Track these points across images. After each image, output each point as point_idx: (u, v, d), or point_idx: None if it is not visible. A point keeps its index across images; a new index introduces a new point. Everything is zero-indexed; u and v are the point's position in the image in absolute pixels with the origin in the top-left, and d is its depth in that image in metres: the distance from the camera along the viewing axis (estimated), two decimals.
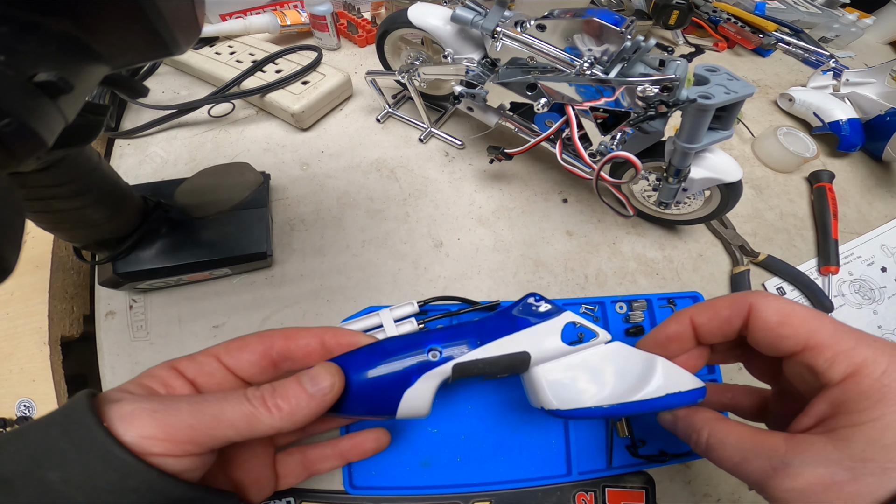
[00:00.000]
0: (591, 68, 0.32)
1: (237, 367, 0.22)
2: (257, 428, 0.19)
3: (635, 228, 0.43)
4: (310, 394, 0.20)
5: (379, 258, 0.39)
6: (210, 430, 0.18)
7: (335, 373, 0.21)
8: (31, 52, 0.14)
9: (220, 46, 0.51)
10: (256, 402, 0.19)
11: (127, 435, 0.16)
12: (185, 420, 0.17)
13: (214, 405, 0.18)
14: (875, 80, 0.53)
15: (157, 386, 0.20)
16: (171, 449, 0.17)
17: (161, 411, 0.17)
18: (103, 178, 0.26)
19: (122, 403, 0.17)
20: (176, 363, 0.22)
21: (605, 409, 0.23)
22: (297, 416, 0.20)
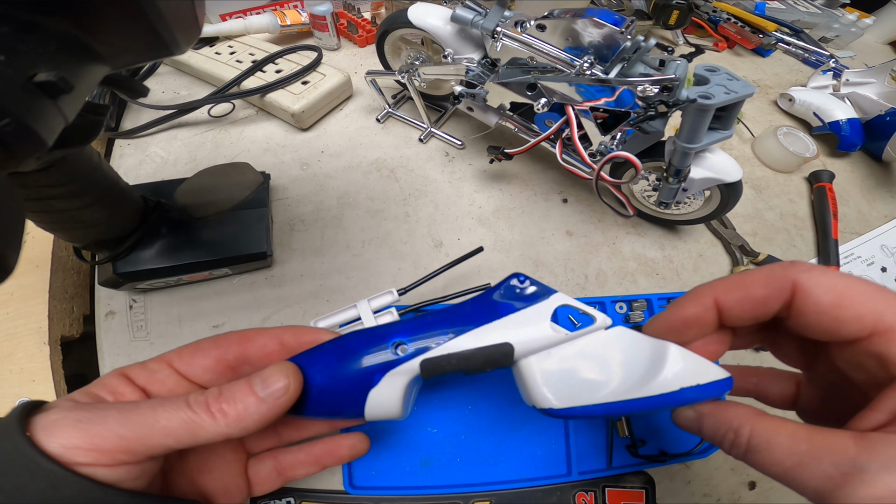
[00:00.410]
0: (591, 68, 0.32)
1: (191, 373, 0.21)
2: (200, 435, 0.18)
3: (635, 228, 0.43)
4: (260, 397, 0.19)
5: (379, 258, 0.39)
6: (143, 438, 0.17)
7: (291, 373, 0.20)
8: (31, 52, 0.14)
9: (220, 46, 0.51)
10: (198, 408, 0.18)
11: (50, 445, 0.16)
12: (113, 429, 0.16)
13: (147, 412, 0.17)
14: (875, 80, 0.53)
15: (105, 394, 0.19)
16: (98, 458, 0.16)
17: (86, 420, 0.17)
18: (103, 178, 0.26)
19: (50, 413, 0.17)
20: (127, 370, 0.21)
21: (608, 407, 0.19)
22: (245, 422, 0.18)
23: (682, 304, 0.20)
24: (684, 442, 0.32)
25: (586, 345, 0.20)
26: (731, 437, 0.18)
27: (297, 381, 0.20)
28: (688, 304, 0.20)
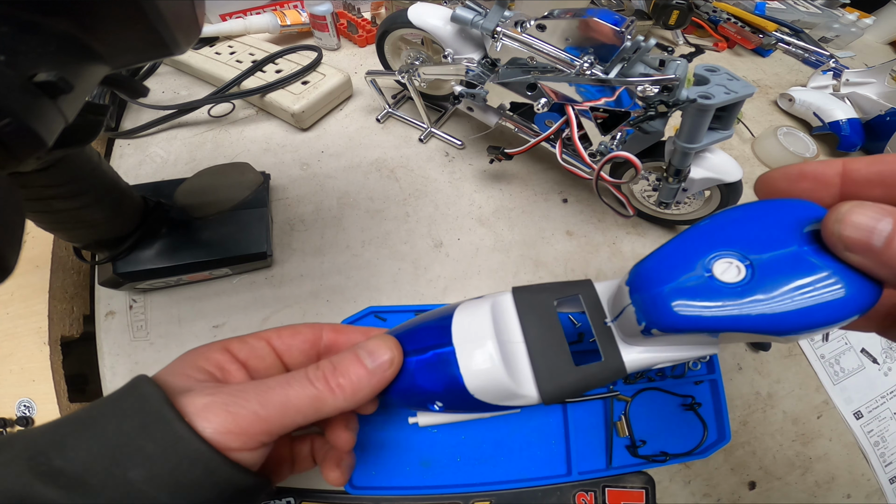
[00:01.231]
0: (591, 68, 0.32)
1: (286, 353, 0.22)
2: (323, 411, 0.18)
3: (635, 228, 0.43)
4: (370, 370, 0.19)
5: (379, 258, 0.39)
6: (280, 418, 0.17)
7: (393, 346, 0.20)
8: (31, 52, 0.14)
9: (220, 46, 0.51)
10: (320, 384, 0.18)
11: (206, 430, 0.16)
12: (257, 411, 0.17)
13: (280, 392, 0.18)
14: (875, 80, 0.53)
15: (214, 370, 0.20)
16: (248, 443, 0.17)
17: (233, 405, 0.17)
18: (103, 178, 0.26)
19: (194, 396, 0.17)
20: (228, 344, 0.21)
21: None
22: (359, 395, 0.19)
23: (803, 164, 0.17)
24: (684, 442, 0.32)
25: None
26: None
27: (399, 354, 0.20)
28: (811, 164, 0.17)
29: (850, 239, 0.14)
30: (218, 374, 0.20)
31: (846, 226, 0.14)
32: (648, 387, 0.33)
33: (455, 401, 0.20)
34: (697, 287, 0.15)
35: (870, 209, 0.14)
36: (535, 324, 0.20)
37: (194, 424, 0.16)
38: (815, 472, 0.34)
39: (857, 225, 0.14)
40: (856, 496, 0.34)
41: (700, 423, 0.33)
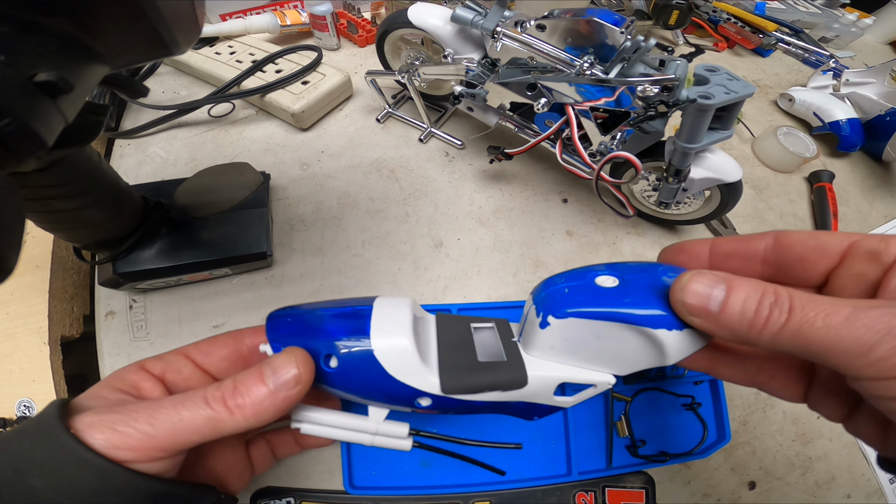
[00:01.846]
0: (591, 68, 0.32)
1: (207, 363, 0.22)
2: (222, 430, 0.18)
3: (635, 228, 0.43)
4: (272, 390, 0.19)
5: (379, 258, 0.39)
6: (171, 437, 0.18)
7: (301, 361, 0.19)
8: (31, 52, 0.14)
9: (220, 46, 0.51)
10: (216, 405, 0.18)
11: (94, 442, 0.17)
12: (143, 429, 0.17)
13: (172, 412, 0.18)
14: (875, 80, 0.53)
15: (127, 388, 0.20)
16: (136, 456, 0.17)
17: (119, 422, 0.17)
18: (103, 178, 0.26)
19: (86, 414, 0.18)
20: (144, 363, 0.22)
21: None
22: (263, 416, 0.18)
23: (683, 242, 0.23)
24: (684, 442, 0.32)
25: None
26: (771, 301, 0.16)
27: (307, 370, 0.20)
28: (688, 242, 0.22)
29: (691, 306, 0.17)
30: (133, 392, 0.20)
31: (687, 293, 0.17)
32: (648, 387, 0.33)
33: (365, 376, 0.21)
34: (582, 286, 0.20)
35: (706, 277, 0.17)
36: (450, 332, 0.24)
37: (82, 436, 0.17)
38: (815, 472, 0.34)
39: (696, 292, 0.17)
40: (856, 496, 0.34)
41: (700, 423, 0.33)
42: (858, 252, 0.18)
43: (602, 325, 0.19)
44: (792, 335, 0.16)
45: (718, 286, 0.17)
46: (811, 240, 0.19)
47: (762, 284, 0.17)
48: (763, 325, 0.16)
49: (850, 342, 0.14)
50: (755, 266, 0.21)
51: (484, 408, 0.22)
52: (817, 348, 0.15)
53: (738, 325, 0.17)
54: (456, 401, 0.21)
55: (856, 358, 0.15)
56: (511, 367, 0.21)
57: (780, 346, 0.16)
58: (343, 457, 0.30)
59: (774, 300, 0.16)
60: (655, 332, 0.19)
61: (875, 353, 0.14)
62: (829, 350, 0.15)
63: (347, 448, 0.30)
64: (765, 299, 0.16)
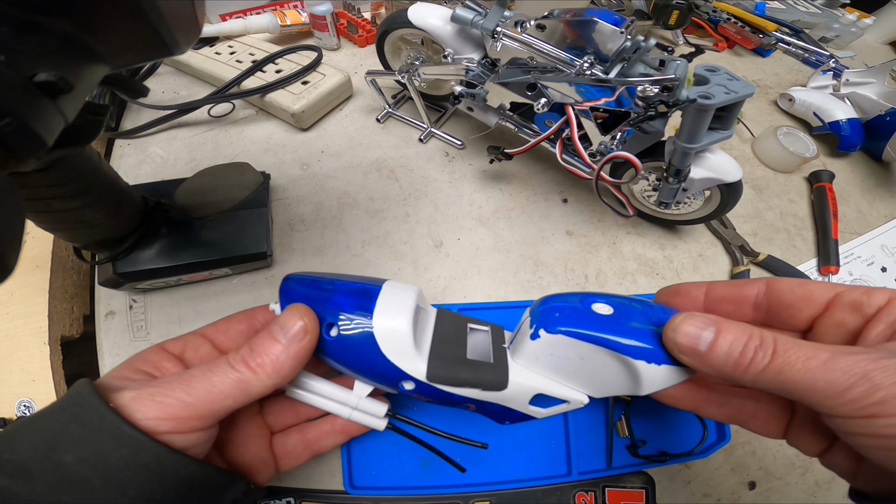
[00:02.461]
0: (591, 68, 0.32)
1: (224, 340, 0.23)
2: (251, 392, 0.19)
3: (635, 228, 0.43)
4: (284, 344, 0.20)
5: (379, 258, 0.39)
6: (208, 403, 0.18)
7: (304, 313, 0.21)
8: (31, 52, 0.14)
9: (220, 46, 0.51)
10: (240, 367, 0.19)
11: (136, 415, 0.17)
12: (182, 398, 0.18)
13: (203, 379, 0.19)
14: (875, 80, 0.53)
15: (149, 369, 0.21)
16: (177, 426, 0.18)
17: (158, 394, 0.18)
18: (103, 178, 0.26)
19: (123, 392, 0.18)
20: (164, 344, 0.23)
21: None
22: (283, 370, 0.20)
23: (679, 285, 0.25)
24: (684, 442, 0.32)
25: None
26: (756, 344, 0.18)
27: (312, 321, 0.21)
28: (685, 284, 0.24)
29: (682, 345, 0.19)
30: (154, 372, 0.21)
31: (678, 334, 0.19)
32: None
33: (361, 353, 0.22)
34: (578, 309, 0.22)
35: (698, 320, 0.19)
36: (447, 327, 0.25)
37: (124, 411, 0.17)
38: (815, 472, 0.34)
39: (687, 333, 0.19)
40: None
41: (700, 423, 0.33)
42: (842, 302, 0.20)
43: (588, 347, 0.21)
44: (773, 375, 0.17)
45: (708, 328, 0.19)
46: (799, 289, 0.21)
47: (749, 328, 0.18)
48: (747, 365, 0.18)
49: (827, 384, 0.16)
50: (747, 310, 0.23)
51: (462, 402, 0.23)
52: (796, 388, 0.17)
53: (723, 365, 0.18)
54: (437, 390, 0.22)
55: (831, 398, 0.16)
56: (495, 369, 0.23)
57: (761, 384, 0.18)
58: (343, 457, 0.30)
59: (759, 343, 0.18)
60: (635, 363, 0.20)
61: (849, 395, 0.16)
62: (808, 390, 0.17)
63: (347, 448, 0.30)
64: (750, 342, 0.18)
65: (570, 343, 0.21)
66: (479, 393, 0.22)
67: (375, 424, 0.25)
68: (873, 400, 0.15)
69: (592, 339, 0.20)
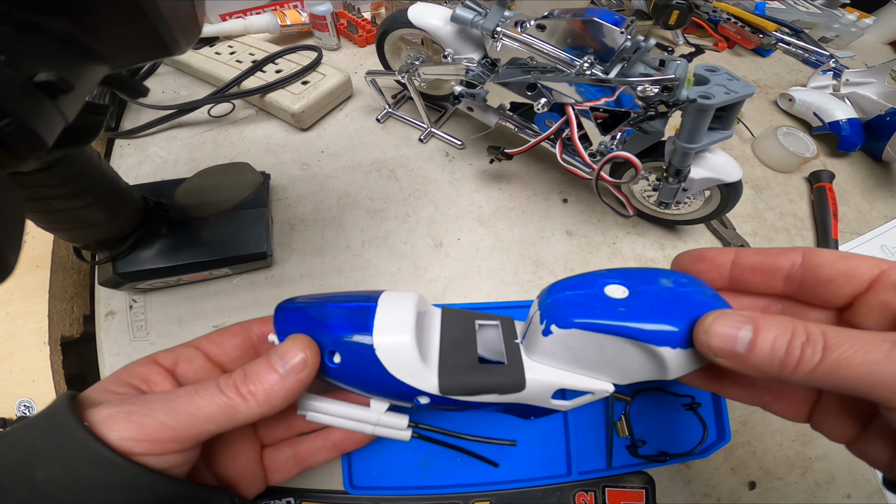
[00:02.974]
0: (591, 68, 0.32)
1: (219, 353, 0.23)
2: (238, 418, 0.18)
3: (635, 228, 0.43)
4: (282, 374, 0.19)
5: (379, 258, 0.39)
6: (188, 427, 0.18)
7: (306, 345, 0.20)
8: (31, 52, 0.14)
9: (220, 46, 0.51)
10: (230, 392, 0.18)
11: (110, 435, 0.16)
12: (161, 419, 0.17)
13: (187, 401, 0.18)
14: (875, 80, 0.53)
15: (137, 382, 0.20)
16: (152, 448, 0.17)
17: (136, 413, 0.17)
18: (103, 178, 0.26)
19: (101, 407, 0.17)
20: (156, 356, 0.22)
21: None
22: (275, 400, 0.19)
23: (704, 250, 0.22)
24: (684, 442, 0.32)
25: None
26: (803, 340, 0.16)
27: (313, 354, 0.20)
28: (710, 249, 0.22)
29: (717, 349, 0.17)
30: (142, 386, 0.20)
31: (712, 336, 0.17)
32: (648, 387, 0.33)
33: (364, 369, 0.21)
34: (590, 295, 0.20)
35: (731, 318, 0.17)
36: (454, 329, 0.23)
37: (97, 429, 0.16)
38: (815, 472, 0.34)
39: (721, 335, 0.17)
40: (856, 496, 0.34)
41: (700, 423, 0.33)
42: (888, 281, 0.18)
43: (605, 338, 0.19)
44: (829, 373, 0.15)
45: (745, 327, 0.17)
46: (841, 263, 0.19)
47: (790, 322, 0.17)
48: (795, 365, 0.16)
49: (893, 377, 0.14)
50: (777, 282, 0.21)
51: (482, 406, 0.22)
52: (859, 384, 0.15)
53: (768, 366, 0.16)
54: (454, 400, 0.21)
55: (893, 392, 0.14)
56: (510, 370, 0.21)
57: (814, 382, 0.16)
58: (343, 457, 0.30)
59: (806, 339, 0.16)
60: (659, 350, 0.18)
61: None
62: (872, 385, 0.15)
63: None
64: (795, 339, 0.16)
65: (586, 336, 0.19)
66: (497, 397, 0.21)
67: (400, 436, 0.24)
68: None
69: (610, 328, 0.19)
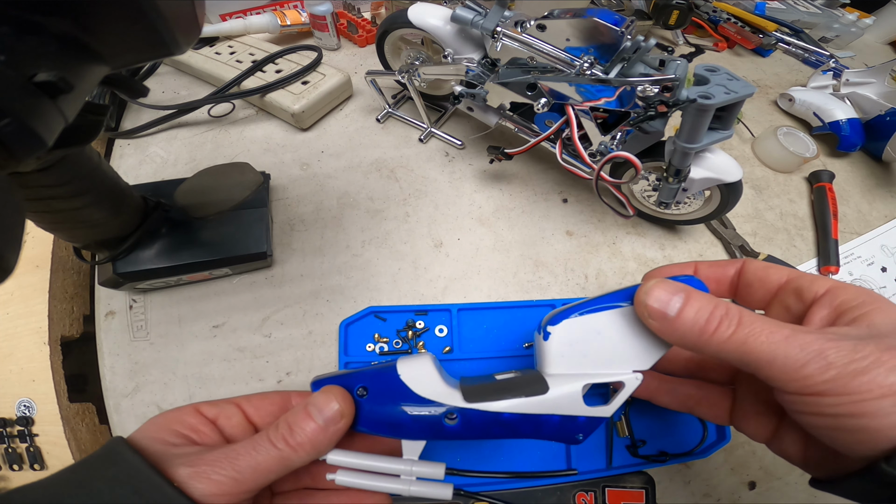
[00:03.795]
0: (591, 68, 0.32)
1: (255, 416, 0.24)
2: (291, 467, 0.20)
3: (635, 228, 0.43)
4: (321, 425, 0.21)
5: (379, 258, 0.39)
6: (253, 479, 0.19)
7: (340, 397, 0.22)
8: (31, 52, 0.14)
9: (220, 46, 0.51)
10: (281, 445, 0.20)
11: (195, 493, 0.18)
12: (231, 475, 0.19)
13: (248, 456, 0.20)
14: (875, 80, 0.53)
15: (189, 433, 0.21)
16: (228, 501, 0.18)
17: (213, 473, 0.19)
18: (103, 178, 0.26)
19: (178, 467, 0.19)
20: (200, 406, 0.23)
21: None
22: (320, 448, 0.21)
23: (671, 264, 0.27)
24: (684, 442, 0.32)
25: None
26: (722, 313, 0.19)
27: (348, 405, 0.22)
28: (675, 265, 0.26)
29: (651, 309, 0.20)
30: (193, 437, 0.21)
31: (650, 297, 0.20)
32: None
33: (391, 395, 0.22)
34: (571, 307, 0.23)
35: (669, 286, 0.20)
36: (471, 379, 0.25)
37: (186, 489, 0.18)
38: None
39: (657, 298, 0.20)
40: None
41: (700, 423, 0.33)
42: (789, 288, 0.22)
43: (595, 318, 0.22)
44: (737, 345, 0.18)
45: (678, 295, 0.20)
46: (761, 271, 0.23)
47: (716, 300, 0.20)
48: (712, 333, 0.19)
49: (786, 358, 0.17)
50: (725, 288, 0.25)
51: (516, 424, 0.22)
52: (757, 359, 0.18)
53: (689, 331, 0.19)
54: (481, 415, 0.21)
55: (788, 372, 0.17)
56: (529, 378, 0.23)
57: (724, 353, 0.19)
58: None
59: (725, 313, 0.19)
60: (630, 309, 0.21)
61: (804, 370, 0.17)
62: (768, 362, 0.18)
63: None
64: (716, 311, 0.19)
65: (579, 322, 0.22)
66: (525, 403, 0.21)
67: (441, 493, 0.22)
68: (825, 377, 0.17)
69: (592, 307, 0.22)
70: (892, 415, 0.16)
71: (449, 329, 0.35)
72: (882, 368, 0.16)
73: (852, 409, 0.16)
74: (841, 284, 0.20)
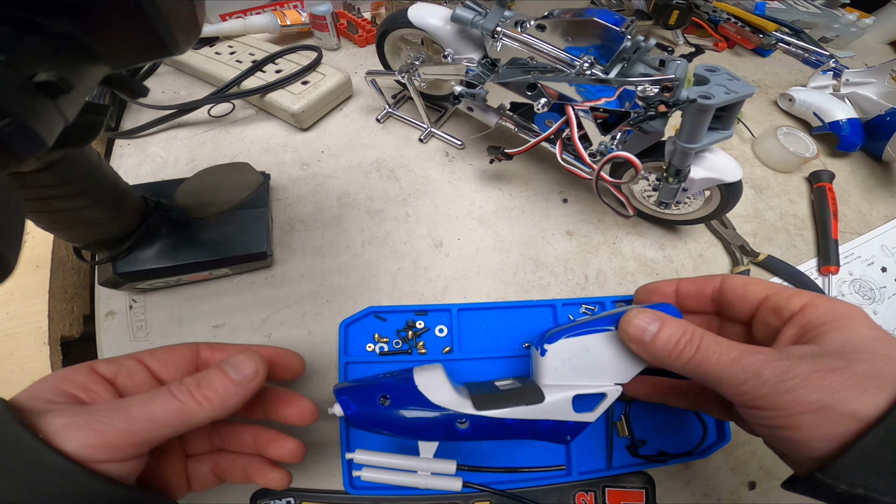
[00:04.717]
0: (591, 68, 0.32)
1: (162, 371, 0.23)
2: (192, 421, 0.20)
3: (635, 228, 0.43)
4: (236, 381, 0.21)
5: (379, 258, 0.39)
6: (146, 431, 0.18)
7: (258, 360, 0.22)
8: (31, 52, 0.14)
9: (220, 46, 0.51)
10: (184, 397, 0.20)
11: (68, 445, 0.17)
12: (119, 426, 0.18)
13: (142, 408, 0.19)
14: (875, 80, 0.53)
15: (76, 391, 0.20)
16: (114, 454, 0.18)
17: (94, 422, 0.18)
18: (103, 178, 0.26)
19: (52, 417, 0.18)
20: (95, 365, 0.22)
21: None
22: (228, 405, 0.21)
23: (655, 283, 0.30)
24: (684, 442, 0.32)
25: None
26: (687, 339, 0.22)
27: (263, 367, 0.22)
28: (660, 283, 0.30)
29: (632, 335, 0.24)
30: (82, 396, 0.20)
31: (630, 326, 0.24)
32: None
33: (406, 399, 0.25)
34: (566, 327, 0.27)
35: (647, 315, 0.24)
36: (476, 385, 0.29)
37: (53, 441, 0.17)
38: None
39: (636, 325, 0.24)
40: None
41: (700, 423, 0.33)
42: (768, 305, 0.24)
43: (585, 339, 0.26)
44: (695, 365, 0.21)
45: (654, 323, 0.23)
46: (740, 288, 0.25)
47: (685, 325, 0.22)
48: (677, 356, 0.22)
49: (730, 377, 0.20)
50: (707, 304, 0.27)
51: (517, 428, 0.25)
52: (710, 378, 0.21)
53: (660, 353, 0.23)
54: (488, 420, 0.25)
55: (731, 388, 0.20)
56: (527, 388, 0.27)
57: (687, 372, 0.22)
58: (343, 457, 0.30)
59: (689, 339, 0.22)
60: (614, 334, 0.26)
61: (743, 388, 0.20)
62: (716, 380, 0.21)
63: (348, 448, 0.30)
64: (682, 337, 0.22)
65: (571, 343, 0.26)
66: (525, 410, 0.25)
67: (452, 486, 0.26)
68: (760, 394, 0.19)
69: (583, 330, 0.26)
70: (813, 429, 0.18)
71: (449, 329, 0.35)
72: (807, 388, 0.18)
73: (782, 422, 0.19)
74: (817, 300, 0.22)
